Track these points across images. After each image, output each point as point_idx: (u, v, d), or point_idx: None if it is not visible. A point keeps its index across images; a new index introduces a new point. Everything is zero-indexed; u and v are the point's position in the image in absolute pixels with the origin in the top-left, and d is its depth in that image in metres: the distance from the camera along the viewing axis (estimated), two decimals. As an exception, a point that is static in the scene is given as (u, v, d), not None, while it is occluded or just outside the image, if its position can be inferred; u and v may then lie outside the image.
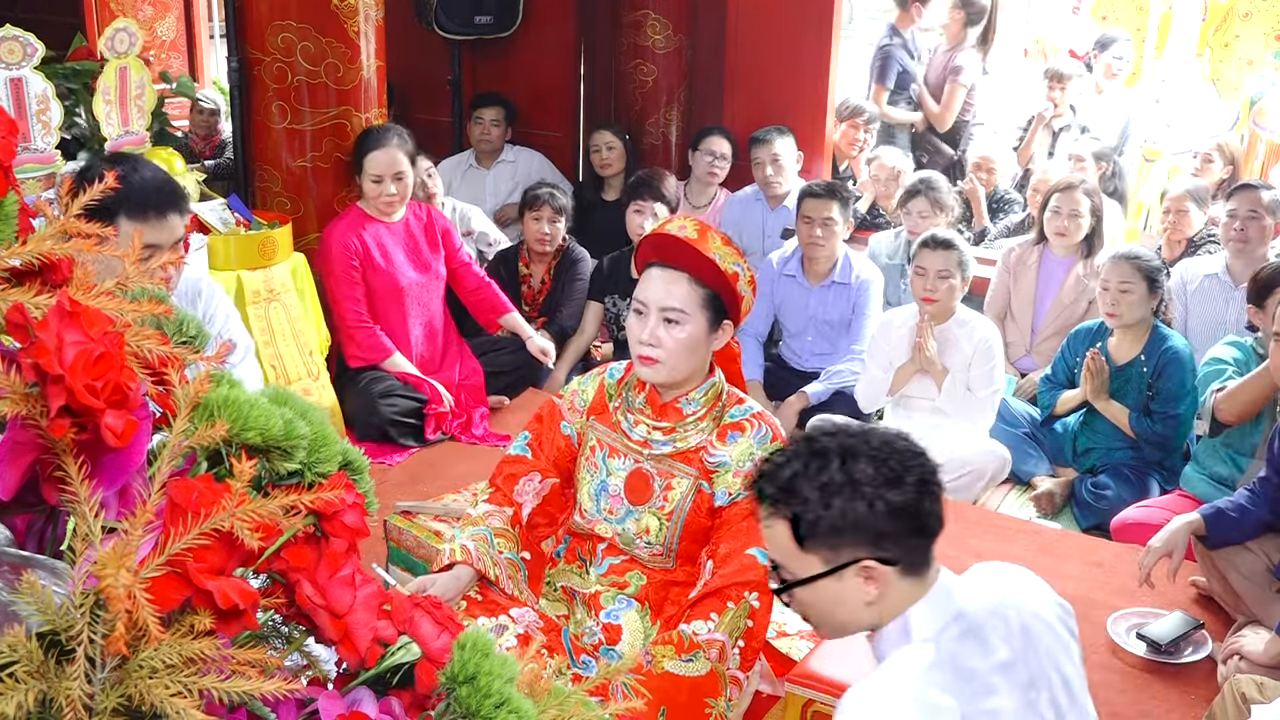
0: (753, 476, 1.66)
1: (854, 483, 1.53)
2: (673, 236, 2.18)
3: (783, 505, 1.58)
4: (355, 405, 4.07)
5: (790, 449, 1.62)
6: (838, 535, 1.55)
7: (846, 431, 1.61)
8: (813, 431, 1.64)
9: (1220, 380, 3.43)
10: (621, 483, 2.29)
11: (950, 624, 1.58)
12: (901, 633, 1.58)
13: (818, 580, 1.58)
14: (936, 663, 1.53)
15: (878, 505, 1.53)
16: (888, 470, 1.54)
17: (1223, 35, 6.70)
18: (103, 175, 0.95)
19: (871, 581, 1.55)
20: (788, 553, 1.60)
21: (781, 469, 1.59)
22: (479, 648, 0.91)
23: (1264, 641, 2.72)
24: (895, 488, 1.54)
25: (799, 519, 1.56)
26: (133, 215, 2.37)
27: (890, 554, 1.55)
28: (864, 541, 1.54)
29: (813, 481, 1.55)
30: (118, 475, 0.82)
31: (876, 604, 1.58)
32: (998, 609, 1.63)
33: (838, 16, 5.38)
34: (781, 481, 1.58)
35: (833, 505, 1.53)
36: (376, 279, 4.05)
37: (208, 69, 7.87)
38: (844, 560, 1.56)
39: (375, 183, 3.96)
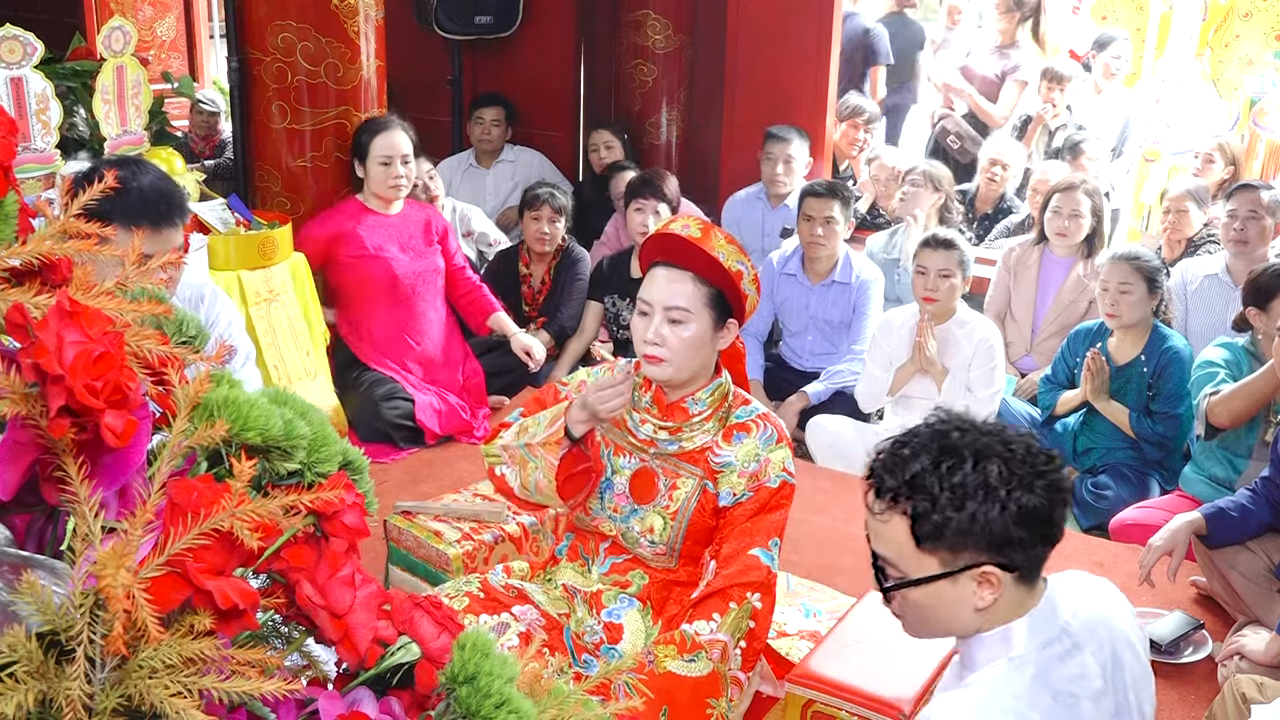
0: (871, 467, 1.56)
1: (988, 485, 1.45)
2: (676, 236, 2.19)
3: (905, 501, 1.50)
4: (358, 408, 4.07)
5: (916, 441, 1.52)
6: (963, 538, 1.47)
7: (979, 428, 1.52)
8: (940, 425, 1.54)
9: (1212, 384, 3.41)
10: (626, 481, 2.29)
11: (1054, 641, 1.52)
12: (1001, 643, 1.52)
13: (931, 582, 1.51)
14: (1035, 683, 1.48)
15: (1009, 510, 1.45)
16: (1021, 473, 1.47)
17: (1223, 35, 6.70)
18: (104, 176, 0.95)
19: (988, 587, 1.49)
20: (902, 550, 1.51)
21: (908, 463, 1.50)
22: (479, 648, 0.91)
23: (1264, 641, 2.72)
24: (1029, 492, 1.46)
25: (922, 518, 1.48)
26: (132, 223, 2.36)
27: (1011, 560, 1.48)
28: (988, 546, 1.47)
29: (944, 480, 1.47)
30: (118, 475, 0.82)
31: (987, 610, 1.51)
32: (1096, 630, 1.57)
33: (838, 16, 5.38)
34: (907, 476, 1.49)
35: (965, 507, 1.46)
36: (367, 266, 4.05)
37: (208, 69, 7.87)
38: (963, 563, 1.48)
39: (384, 165, 3.97)
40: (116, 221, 2.32)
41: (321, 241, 4.03)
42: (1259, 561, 2.96)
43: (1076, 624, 1.55)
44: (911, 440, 1.53)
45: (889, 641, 2.25)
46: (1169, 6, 7.18)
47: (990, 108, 6.25)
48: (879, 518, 1.53)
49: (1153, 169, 5.65)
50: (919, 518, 1.48)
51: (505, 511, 2.96)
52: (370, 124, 4.02)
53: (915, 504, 1.48)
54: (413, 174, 4.10)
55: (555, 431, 2.18)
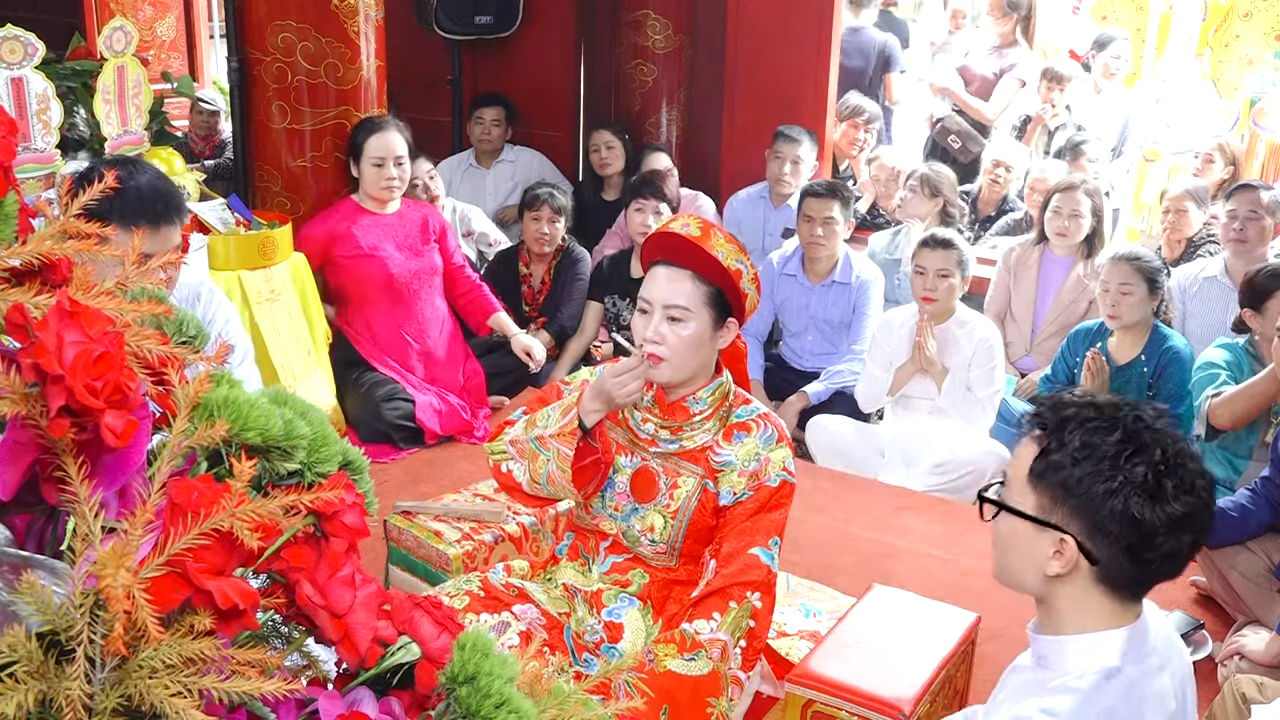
0: (1042, 398, 1.58)
1: (1115, 465, 1.44)
2: (676, 235, 2.19)
3: (1042, 431, 1.52)
4: (359, 409, 4.07)
5: (1091, 398, 1.53)
6: (1064, 493, 1.47)
7: (1155, 425, 1.49)
8: (1124, 401, 1.53)
9: (1214, 386, 3.41)
10: (628, 480, 2.29)
11: (1145, 658, 1.51)
12: (1098, 650, 1.50)
13: (1020, 517, 1.52)
14: (1129, 697, 1.47)
15: (1116, 501, 1.43)
16: (1156, 485, 1.43)
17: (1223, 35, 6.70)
18: (102, 176, 0.95)
19: (1059, 558, 1.48)
20: (1018, 476, 1.54)
21: (1068, 405, 1.52)
22: (479, 648, 0.91)
23: (1264, 641, 2.72)
24: (1148, 503, 1.43)
25: (1045, 454, 1.50)
26: (131, 223, 2.36)
27: (1095, 548, 1.47)
28: (1082, 520, 1.47)
29: (1082, 433, 1.47)
30: (118, 475, 0.82)
31: (1054, 585, 1.51)
32: (1172, 655, 1.57)
33: (838, 16, 5.38)
34: (1060, 415, 1.51)
35: (1081, 465, 1.46)
36: (363, 265, 4.05)
37: (208, 69, 7.88)
38: (1053, 519, 1.49)
39: (376, 166, 3.97)
40: (115, 221, 2.32)
41: (318, 242, 4.03)
42: (1259, 561, 2.96)
43: (1161, 644, 1.55)
44: (1091, 399, 1.53)
45: (889, 641, 2.26)
46: (1169, 6, 7.18)
47: (981, 105, 6.24)
48: (1024, 440, 1.56)
49: (1153, 169, 5.65)
50: (1044, 452, 1.50)
51: (505, 511, 2.96)
52: (365, 124, 4.02)
53: (1049, 439, 1.50)
54: (406, 175, 4.09)
55: (569, 422, 2.18)
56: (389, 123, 4.02)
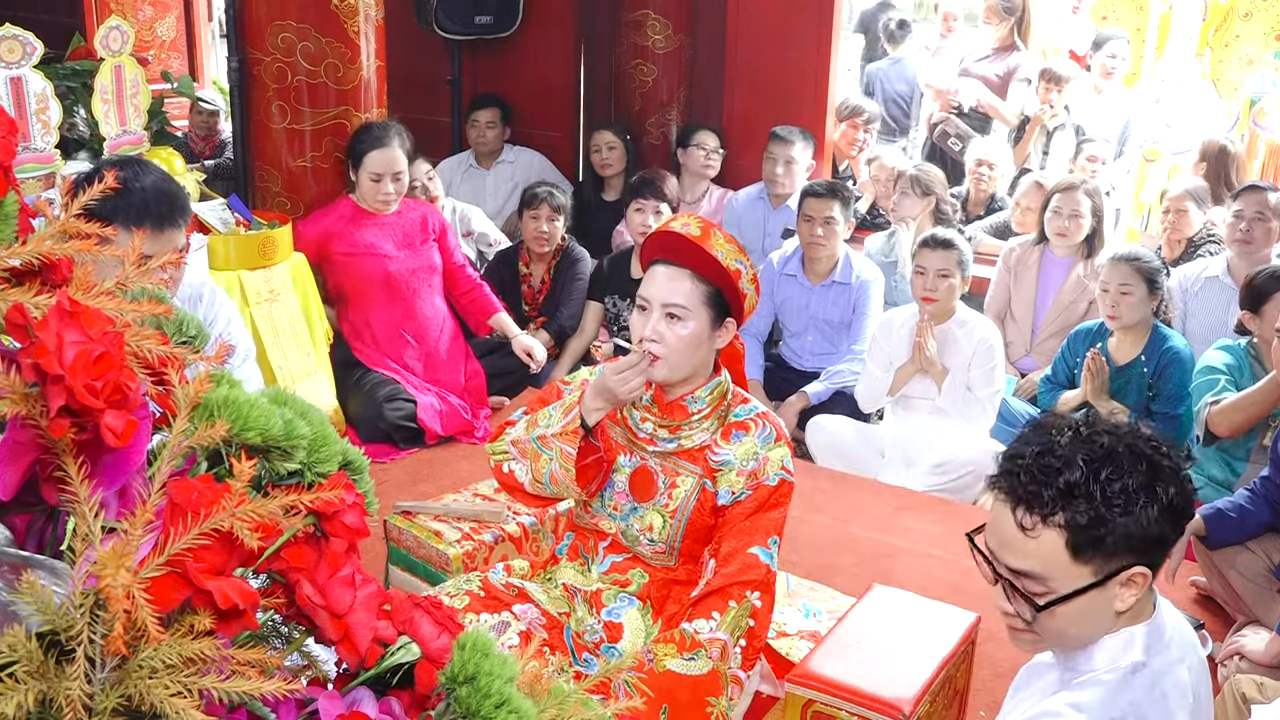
0: (1014, 482, 1.47)
1: (1149, 487, 1.42)
2: (676, 234, 2.19)
3: (1063, 513, 1.42)
4: (360, 409, 4.07)
5: (1061, 450, 1.45)
6: (1125, 542, 1.42)
7: (1118, 430, 1.47)
8: (1084, 429, 1.48)
9: (1214, 392, 3.40)
10: (626, 479, 2.29)
11: (1163, 650, 1.50)
12: (1124, 647, 1.49)
13: (1085, 592, 1.45)
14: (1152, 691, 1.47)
15: (1164, 508, 1.43)
16: (1168, 466, 1.44)
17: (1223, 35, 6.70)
18: (104, 177, 0.95)
19: (1132, 588, 1.45)
20: (1055, 564, 1.44)
21: (1061, 472, 1.43)
22: (479, 648, 0.91)
23: (1264, 641, 2.72)
24: (1176, 485, 1.44)
25: (1083, 528, 1.41)
26: (134, 224, 2.36)
27: (1156, 559, 1.45)
28: (1143, 547, 1.44)
29: (1106, 487, 1.41)
30: (118, 475, 0.82)
31: (1127, 612, 1.48)
32: (1189, 649, 1.56)
33: (838, 16, 5.38)
34: (1064, 486, 1.42)
35: (1131, 511, 1.41)
36: (362, 263, 4.05)
37: (208, 69, 7.87)
38: (1115, 568, 1.44)
39: (374, 181, 3.97)
40: (119, 222, 2.33)
41: (313, 240, 4.03)
42: (1259, 561, 2.96)
43: (1178, 638, 1.54)
44: (1055, 448, 1.46)
45: (889, 641, 2.26)
46: (1169, 6, 7.18)
47: (999, 104, 6.29)
48: (1029, 533, 1.45)
49: (1153, 169, 5.65)
50: (1078, 529, 1.42)
51: (505, 511, 2.96)
52: (367, 134, 3.99)
53: (1075, 514, 1.42)
54: (404, 187, 4.09)
55: (571, 421, 2.18)
56: (391, 135, 3.99)
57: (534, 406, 2.37)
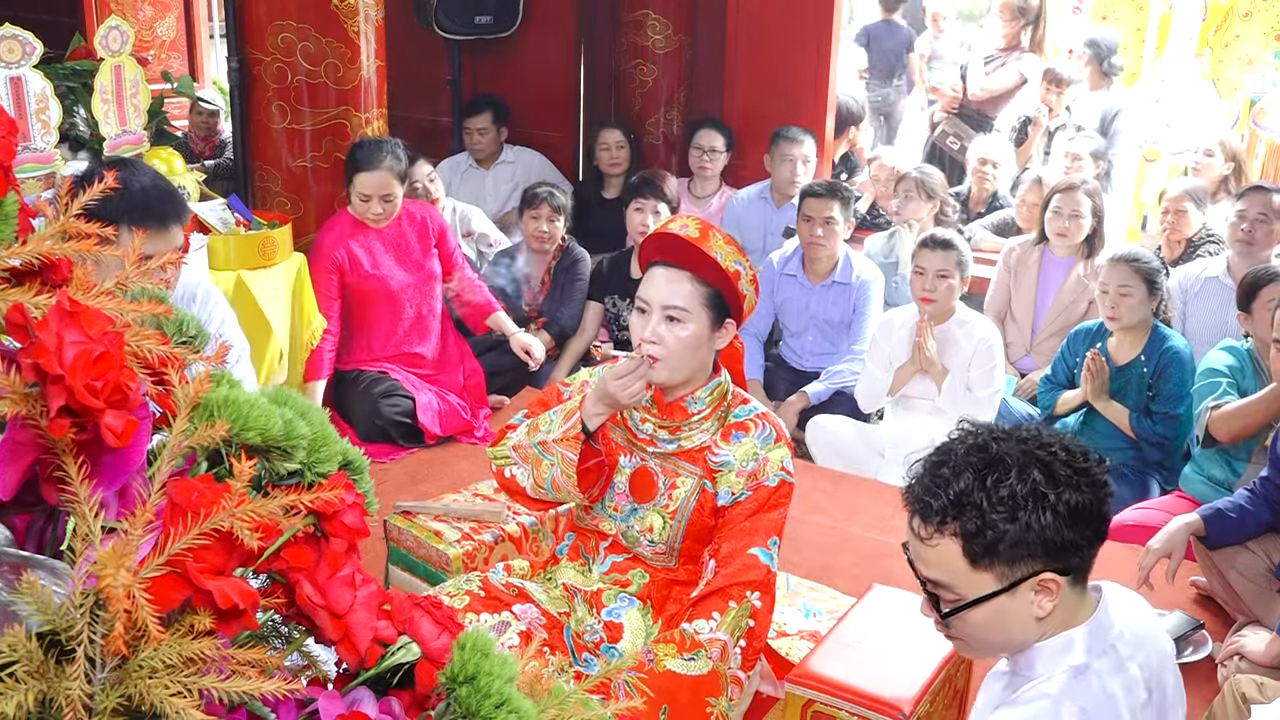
0: (910, 492, 1.52)
1: (1037, 491, 1.43)
2: (675, 235, 2.19)
3: (954, 522, 1.46)
4: (357, 407, 4.07)
5: (954, 458, 1.48)
6: (1019, 549, 1.44)
7: (1015, 435, 1.49)
8: (976, 438, 1.50)
9: (1215, 396, 3.40)
10: (627, 480, 2.29)
11: (1109, 651, 1.50)
12: (1063, 650, 1.50)
13: (990, 600, 1.47)
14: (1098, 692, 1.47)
15: (1060, 511, 1.43)
16: (1066, 473, 1.45)
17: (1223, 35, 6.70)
18: (103, 177, 0.95)
19: (1046, 594, 1.47)
20: (956, 572, 1.48)
21: (950, 482, 1.46)
22: (479, 648, 0.91)
23: (1264, 641, 2.72)
24: (1076, 490, 1.44)
25: (975, 536, 1.45)
26: (134, 224, 2.37)
27: (1067, 564, 1.46)
28: (1044, 553, 1.45)
29: (991, 494, 1.43)
30: (118, 475, 0.82)
31: (1048, 618, 1.49)
32: (1144, 645, 1.56)
33: (838, 16, 5.38)
34: (953, 495, 1.46)
35: (1017, 518, 1.43)
36: (365, 285, 4.05)
37: (208, 69, 7.87)
38: (1020, 575, 1.46)
39: (363, 201, 3.95)
40: (121, 222, 2.34)
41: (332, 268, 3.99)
42: (1259, 561, 2.96)
43: (1128, 635, 1.54)
44: (949, 458, 1.49)
45: (889, 641, 2.26)
46: (1169, 6, 7.19)
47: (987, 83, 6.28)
48: (927, 542, 1.49)
49: (1153, 169, 5.65)
50: (971, 536, 1.45)
51: (505, 511, 2.96)
52: (361, 152, 3.93)
53: (965, 523, 1.45)
54: (395, 208, 4.02)
55: (572, 426, 2.18)
56: (382, 156, 3.90)
57: (534, 410, 2.37)
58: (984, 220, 5.47)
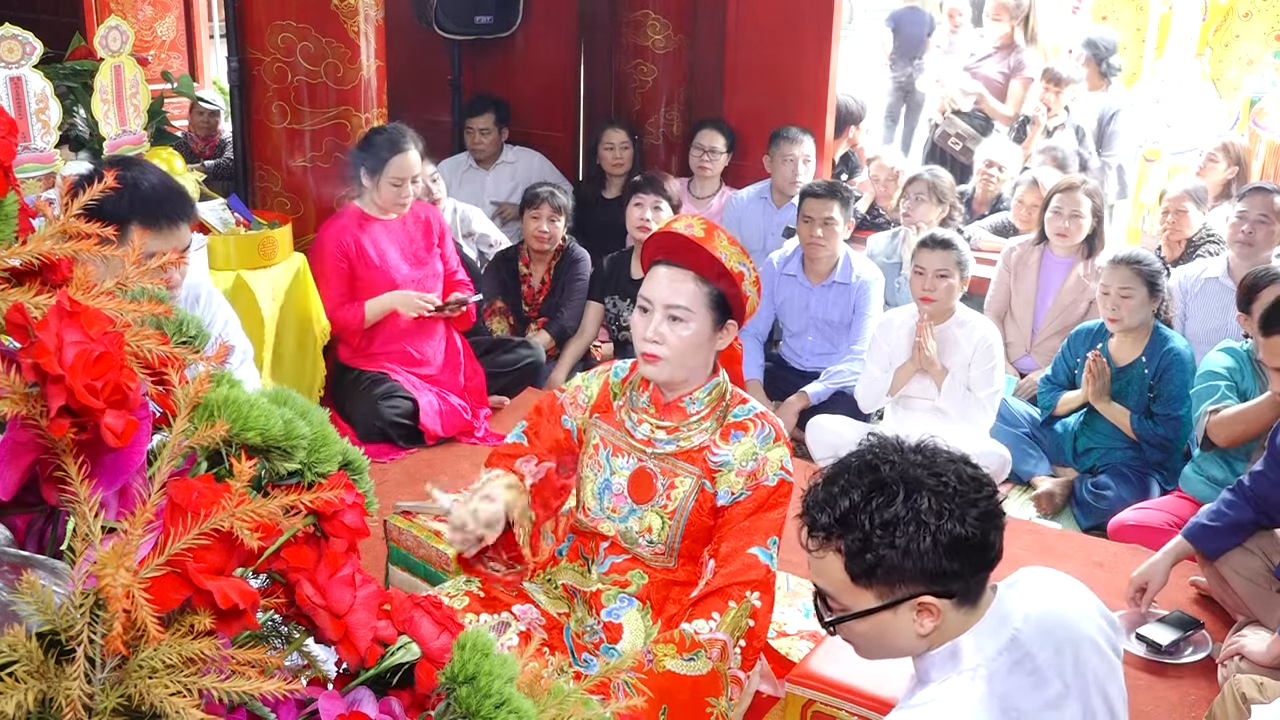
0: (803, 503, 1.54)
1: (919, 519, 1.44)
2: (679, 235, 2.19)
3: (837, 539, 1.49)
4: (357, 408, 4.07)
5: (846, 476, 1.51)
6: (897, 573, 1.46)
7: (909, 459, 1.50)
8: (872, 456, 1.52)
9: (1213, 399, 3.40)
10: (625, 481, 2.29)
11: (1003, 652, 1.51)
12: (950, 659, 1.52)
13: (871, 615, 1.50)
14: (988, 696, 1.48)
15: (940, 541, 1.44)
16: (952, 504, 1.46)
17: (1223, 35, 6.71)
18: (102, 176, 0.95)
19: (927, 615, 1.49)
20: (839, 585, 1.51)
21: (838, 499, 1.49)
22: (479, 648, 0.91)
23: (1264, 642, 2.72)
24: (960, 523, 1.45)
25: (855, 555, 1.47)
26: (144, 223, 2.38)
27: (947, 589, 1.48)
28: (923, 578, 1.47)
29: (874, 517, 1.46)
30: (118, 475, 0.82)
31: (929, 635, 1.51)
32: (1051, 632, 1.55)
33: (838, 16, 5.38)
34: (838, 513, 1.48)
35: (896, 543, 1.45)
36: (372, 276, 4.05)
37: (208, 69, 7.87)
38: (900, 596, 1.48)
39: (395, 186, 3.96)
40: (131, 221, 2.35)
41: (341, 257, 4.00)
42: (1258, 561, 2.96)
43: (1029, 628, 1.54)
44: (842, 475, 1.52)
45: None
46: (1169, 6, 7.19)
47: (1000, 107, 6.30)
48: (814, 554, 1.54)
49: (1153, 169, 5.65)
50: (852, 555, 1.48)
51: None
52: (385, 140, 3.96)
53: (847, 541, 1.48)
54: (420, 189, 4.11)
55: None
56: (408, 140, 3.97)
57: (533, 420, 2.40)
58: (983, 221, 5.47)
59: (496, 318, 4.79)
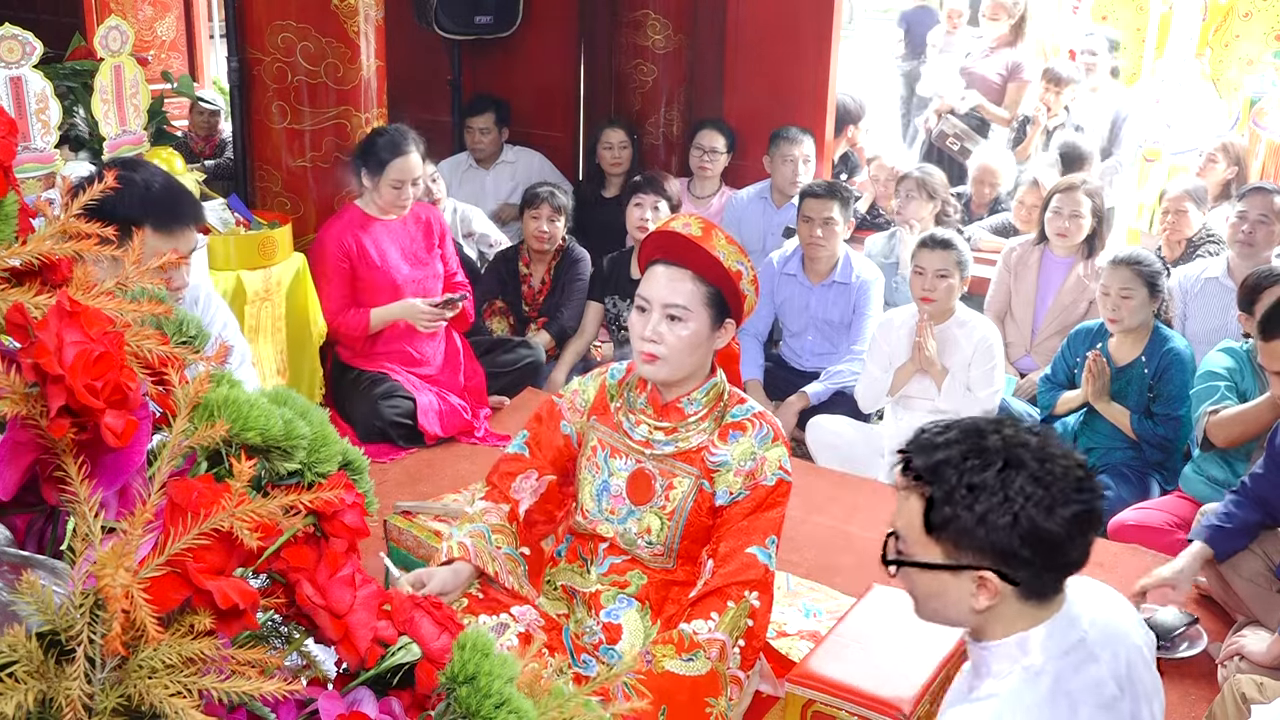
0: (907, 443, 1.55)
1: (1006, 495, 1.44)
2: (677, 234, 2.19)
3: (924, 485, 1.50)
4: (357, 407, 4.07)
5: (955, 431, 1.52)
6: (968, 538, 1.46)
7: (1021, 438, 1.49)
8: (987, 423, 1.53)
9: (1213, 400, 3.39)
10: (623, 483, 2.29)
11: (1071, 650, 1.51)
12: (1018, 651, 1.51)
13: (931, 570, 1.52)
14: (1052, 693, 1.47)
15: (1020, 523, 1.43)
16: (1046, 493, 1.44)
17: (1223, 35, 6.71)
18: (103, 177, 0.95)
19: (985, 592, 1.48)
20: (913, 531, 1.53)
21: (937, 448, 1.50)
22: (479, 648, 0.91)
23: (1264, 642, 2.72)
24: (1046, 513, 1.44)
25: (936, 505, 1.48)
26: (158, 226, 2.39)
27: (1013, 574, 1.47)
28: (991, 552, 1.46)
29: (964, 476, 1.46)
30: (118, 475, 0.82)
31: (983, 614, 1.51)
32: (1112, 640, 1.56)
33: (838, 16, 5.38)
34: (933, 462, 1.49)
35: (975, 508, 1.45)
36: (372, 276, 4.05)
37: (208, 69, 7.87)
38: (964, 562, 1.48)
39: (395, 188, 3.96)
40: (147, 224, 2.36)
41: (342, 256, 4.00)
42: (1259, 561, 2.96)
43: (1094, 633, 1.54)
44: (952, 429, 1.53)
45: (889, 641, 2.26)
46: (1169, 6, 7.19)
47: (997, 110, 6.30)
48: (901, 492, 1.56)
49: (1153, 169, 5.65)
50: (932, 504, 1.49)
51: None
52: (387, 142, 3.95)
53: (933, 490, 1.49)
54: (420, 190, 4.11)
55: None
56: (409, 141, 3.96)
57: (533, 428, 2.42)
58: (983, 221, 5.48)
59: (496, 318, 4.78)
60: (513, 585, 2.23)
